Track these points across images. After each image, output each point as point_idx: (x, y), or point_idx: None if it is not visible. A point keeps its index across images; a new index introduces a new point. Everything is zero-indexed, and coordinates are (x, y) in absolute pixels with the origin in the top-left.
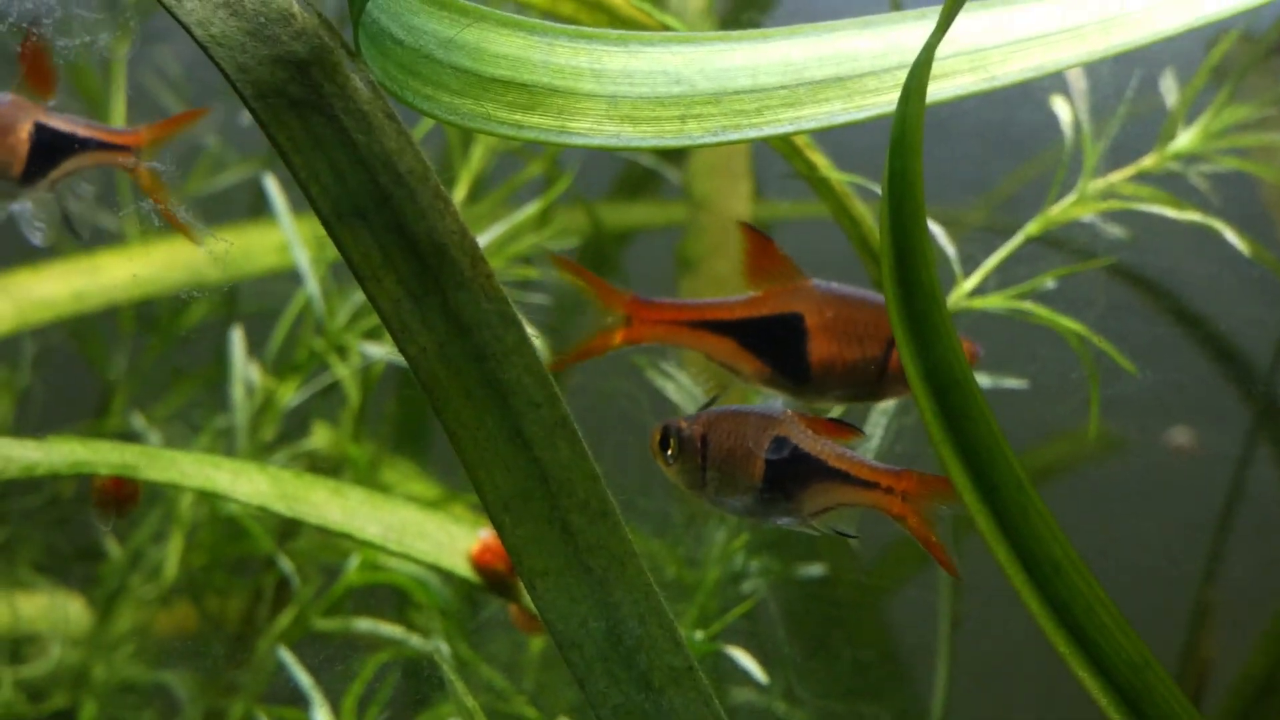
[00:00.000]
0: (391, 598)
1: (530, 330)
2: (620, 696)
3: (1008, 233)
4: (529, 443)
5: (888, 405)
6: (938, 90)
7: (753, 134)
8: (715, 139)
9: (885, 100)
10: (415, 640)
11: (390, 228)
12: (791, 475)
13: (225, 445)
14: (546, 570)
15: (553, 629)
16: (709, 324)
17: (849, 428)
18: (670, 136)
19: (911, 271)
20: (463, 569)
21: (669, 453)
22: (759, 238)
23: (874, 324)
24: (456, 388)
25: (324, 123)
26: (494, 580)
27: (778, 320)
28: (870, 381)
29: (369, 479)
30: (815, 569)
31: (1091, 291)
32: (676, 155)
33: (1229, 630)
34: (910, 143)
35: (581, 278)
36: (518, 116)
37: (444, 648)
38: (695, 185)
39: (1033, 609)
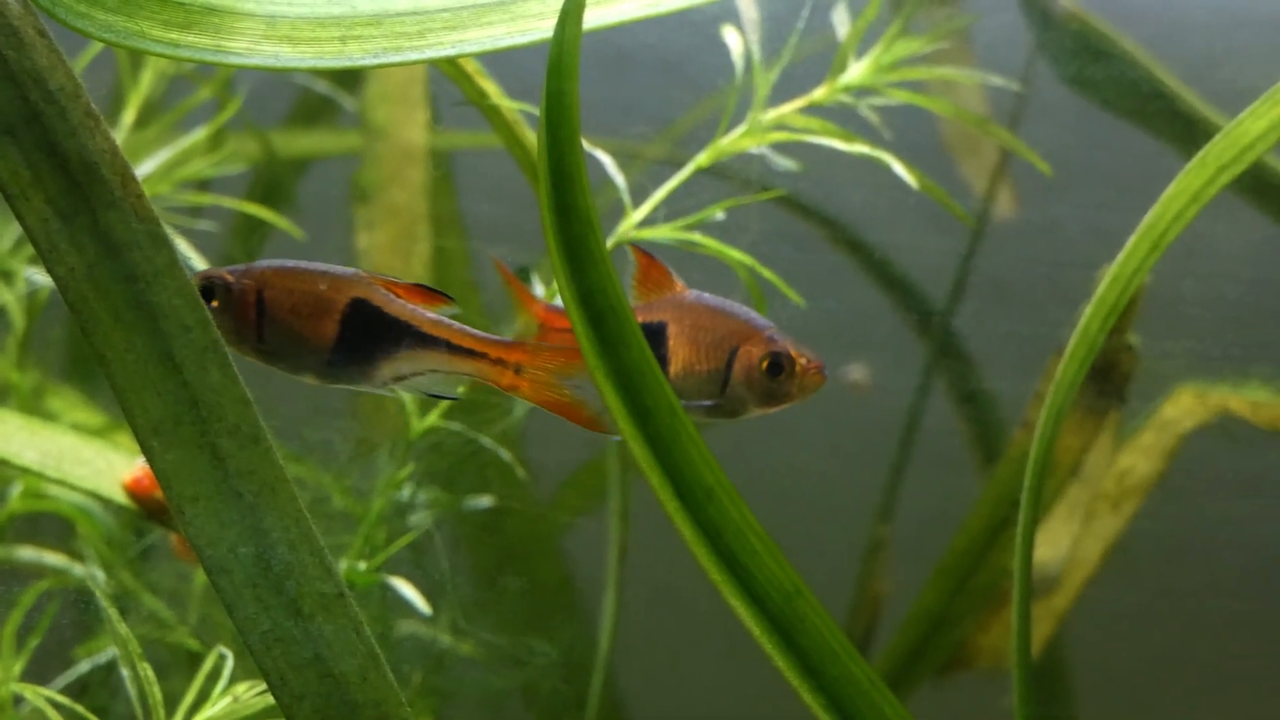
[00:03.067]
0: (59, 527)
1: (191, 253)
2: (269, 622)
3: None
4: (179, 366)
5: None
6: (601, 15)
7: (415, 56)
8: (376, 61)
9: (548, 24)
10: (78, 569)
11: (40, 145)
12: (373, 340)
13: None
14: (196, 496)
15: (202, 555)
16: None
17: (438, 294)
18: (330, 58)
19: (568, 196)
20: (121, 496)
21: (212, 305)
22: (643, 254)
23: (724, 335)
24: (105, 309)
25: None
26: (152, 508)
27: (646, 329)
28: (717, 394)
29: (33, 407)
30: (484, 501)
31: (749, 220)
32: (353, 83)
33: (903, 565)
34: (567, 66)
35: (511, 286)
36: (174, 35)
37: (100, 576)
38: (371, 113)
39: (686, 535)
